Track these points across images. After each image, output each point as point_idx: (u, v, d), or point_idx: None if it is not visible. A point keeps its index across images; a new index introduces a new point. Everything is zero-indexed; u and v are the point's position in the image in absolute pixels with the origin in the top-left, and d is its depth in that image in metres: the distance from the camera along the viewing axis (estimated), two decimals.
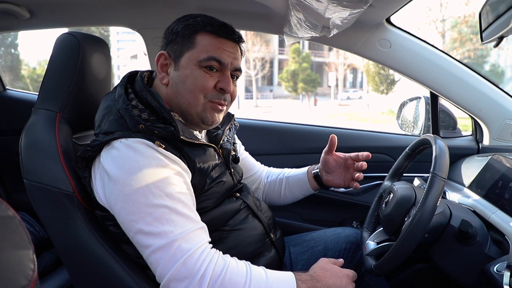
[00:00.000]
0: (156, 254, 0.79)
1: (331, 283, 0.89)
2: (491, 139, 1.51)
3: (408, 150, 1.18)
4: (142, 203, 0.80)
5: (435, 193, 0.86)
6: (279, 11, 1.28)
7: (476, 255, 0.94)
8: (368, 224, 1.22)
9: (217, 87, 0.95)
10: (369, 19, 1.31)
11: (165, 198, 0.80)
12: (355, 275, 0.96)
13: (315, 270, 0.92)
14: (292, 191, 1.34)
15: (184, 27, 0.94)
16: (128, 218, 0.82)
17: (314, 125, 1.83)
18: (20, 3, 1.32)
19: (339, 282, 0.90)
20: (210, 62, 0.92)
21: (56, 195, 0.93)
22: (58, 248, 0.98)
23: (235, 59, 0.97)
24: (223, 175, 1.01)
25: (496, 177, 1.12)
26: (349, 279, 0.93)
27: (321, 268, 0.93)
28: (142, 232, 0.80)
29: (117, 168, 0.83)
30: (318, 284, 0.88)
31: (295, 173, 1.35)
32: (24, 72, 19.09)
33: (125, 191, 0.81)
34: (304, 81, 26.21)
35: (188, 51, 0.93)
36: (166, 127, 0.87)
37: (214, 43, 0.93)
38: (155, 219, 0.79)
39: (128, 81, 0.99)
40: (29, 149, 0.97)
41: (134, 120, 0.87)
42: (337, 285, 0.90)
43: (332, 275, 0.91)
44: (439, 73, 1.44)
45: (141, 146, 0.84)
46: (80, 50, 1.03)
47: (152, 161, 0.83)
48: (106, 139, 0.87)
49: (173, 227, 0.79)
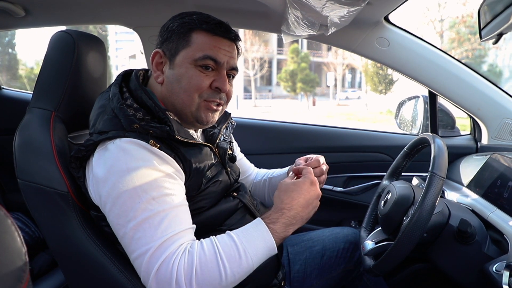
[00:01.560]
0: (137, 261, 0.79)
1: (302, 201, 0.88)
2: (490, 138, 1.51)
3: (407, 149, 1.17)
4: (128, 207, 0.79)
5: (434, 192, 0.85)
6: (276, 9, 1.27)
7: (475, 255, 0.94)
8: (367, 223, 1.22)
9: (213, 86, 0.93)
10: (367, 17, 1.30)
11: (151, 201, 0.79)
12: (315, 180, 0.94)
13: (281, 199, 0.90)
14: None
15: (179, 25, 0.93)
16: (115, 221, 0.82)
17: (313, 124, 1.83)
18: (15, 1, 1.31)
19: (308, 195, 0.89)
20: (205, 61, 0.91)
21: (51, 195, 0.92)
22: (52, 248, 0.97)
23: (231, 58, 0.96)
24: (219, 174, 1.00)
25: (495, 176, 1.12)
26: (312, 184, 0.92)
27: (285, 193, 0.90)
28: (127, 236, 0.80)
29: (105, 170, 0.82)
30: (291, 212, 0.87)
31: (278, 173, 1.30)
32: (21, 71, 19.03)
33: (113, 194, 0.81)
34: (303, 81, 26.23)
35: (184, 50, 0.92)
36: (161, 127, 0.86)
37: (210, 41, 0.92)
38: (138, 224, 0.78)
39: (123, 80, 0.97)
40: (23, 148, 0.96)
41: (128, 120, 0.86)
42: (307, 199, 0.89)
43: (298, 193, 0.89)
44: (438, 72, 1.43)
45: (133, 147, 0.83)
46: (75, 48, 1.02)
47: (141, 163, 0.81)
48: (99, 139, 0.86)
49: (153, 232, 0.78)
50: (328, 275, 1.23)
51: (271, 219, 0.85)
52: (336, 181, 1.67)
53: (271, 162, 1.48)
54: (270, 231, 0.84)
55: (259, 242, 0.82)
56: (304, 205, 0.89)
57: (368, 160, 1.67)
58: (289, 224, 0.87)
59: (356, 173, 1.67)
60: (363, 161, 1.67)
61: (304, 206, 0.89)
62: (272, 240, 0.84)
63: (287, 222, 0.86)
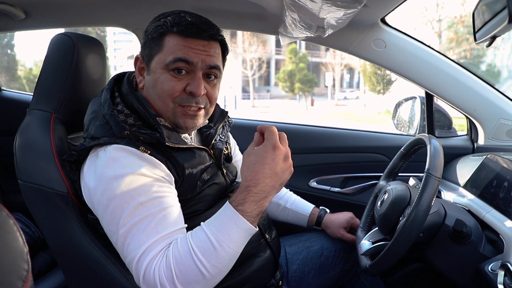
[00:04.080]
0: (129, 266, 0.81)
1: (268, 171, 0.79)
2: (486, 138, 1.52)
3: (403, 149, 1.18)
4: (118, 214, 0.80)
5: (430, 192, 0.86)
6: (274, 11, 1.28)
7: (470, 254, 0.95)
8: (364, 223, 1.23)
9: (187, 90, 0.89)
10: (364, 19, 1.31)
11: (139, 207, 0.79)
12: (277, 143, 0.82)
13: (244, 176, 0.82)
14: (287, 218, 1.35)
15: (153, 29, 0.91)
16: (107, 228, 0.83)
17: (310, 125, 1.83)
18: (15, 4, 1.32)
19: (273, 163, 0.80)
20: (176, 64, 0.87)
21: (51, 195, 0.93)
22: (52, 248, 0.98)
23: (208, 56, 0.90)
24: (215, 176, 0.99)
25: (491, 176, 1.13)
26: (276, 149, 0.81)
27: (247, 168, 0.81)
28: (119, 243, 0.81)
29: (95, 178, 0.84)
30: (258, 188, 0.79)
31: (296, 208, 1.33)
32: (20, 72, 18.99)
33: (103, 201, 0.82)
34: (301, 81, 26.22)
35: (157, 55, 0.90)
36: (152, 133, 0.86)
37: (180, 43, 0.88)
38: (128, 230, 0.79)
39: (116, 84, 0.97)
40: (23, 149, 0.96)
41: (119, 126, 0.86)
42: (273, 167, 0.79)
43: (261, 164, 0.80)
44: (434, 73, 1.44)
45: (122, 155, 0.83)
46: (75, 50, 1.03)
47: (128, 170, 0.81)
48: (90, 144, 0.87)
49: (140, 237, 0.78)
50: (325, 275, 1.24)
51: (238, 201, 0.79)
52: (333, 182, 1.67)
53: None
54: (239, 213, 0.79)
55: (232, 228, 0.78)
56: (271, 175, 0.80)
57: (365, 161, 1.68)
58: (260, 199, 0.80)
59: (353, 173, 1.67)
60: (360, 161, 1.68)
61: (271, 176, 0.80)
62: (245, 222, 0.79)
63: (257, 198, 0.79)
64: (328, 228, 1.29)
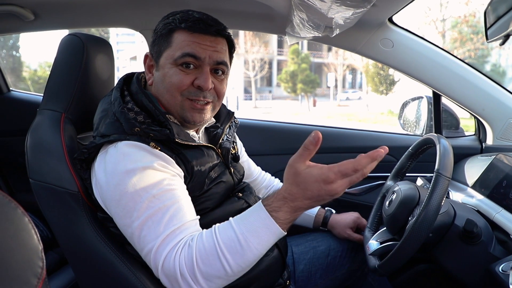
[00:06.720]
0: (147, 258, 0.82)
1: (309, 195, 0.75)
2: (495, 138, 1.51)
3: (411, 149, 1.18)
4: (131, 207, 0.81)
5: (440, 192, 0.86)
6: (281, 11, 1.28)
7: (480, 255, 0.94)
8: (371, 223, 1.22)
9: (195, 84, 0.92)
10: (372, 19, 1.31)
11: (152, 199, 0.80)
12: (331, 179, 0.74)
13: (285, 185, 0.78)
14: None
15: (162, 27, 0.94)
16: (121, 222, 0.84)
17: (315, 125, 1.83)
18: (24, 5, 1.33)
19: (316, 193, 0.74)
20: (184, 58, 0.90)
21: (62, 194, 0.93)
22: (63, 247, 0.98)
23: (215, 51, 0.93)
24: (222, 175, 1.00)
25: (500, 176, 1.12)
26: (326, 183, 0.74)
27: (292, 182, 0.77)
28: (134, 236, 0.82)
29: (106, 174, 0.85)
30: (294, 203, 0.77)
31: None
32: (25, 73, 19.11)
33: (115, 196, 0.83)
34: (303, 81, 26.20)
35: (165, 51, 0.93)
36: (162, 130, 0.88)
37: (188, 39, 0.91)
38: (143, 222, 0.80)
39: (125, 83, 0.99)
40: (35, 149, 0.97)
41: (129, 123, 0.88)
42: (314, 196, 0.75)
43: (304, 189, 0.75)
44: (442, 72, 1.43)
45: (133, 150, 0.85)
46: (84, 51, 1.04)
47: (140, 164, 0.83)
48: (100, 142, 0.88)
49: (157, 228, 0.79)
50: (332, 275, 1.24)
51: (273, 207, 0.78)
52: None
53: (270, 163, 1.48)
54: (273, 219, 0.78)
55: (262, 231, 0.78)
56: (311, 197, 0.76)
57: None
58: (295, 211, 0.79)
59: None
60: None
61: (311, 198, 0.76)
62: (278, 228, 0.78)
63: (292, 210, 0.79)
64: (334, 228, 1.29)
